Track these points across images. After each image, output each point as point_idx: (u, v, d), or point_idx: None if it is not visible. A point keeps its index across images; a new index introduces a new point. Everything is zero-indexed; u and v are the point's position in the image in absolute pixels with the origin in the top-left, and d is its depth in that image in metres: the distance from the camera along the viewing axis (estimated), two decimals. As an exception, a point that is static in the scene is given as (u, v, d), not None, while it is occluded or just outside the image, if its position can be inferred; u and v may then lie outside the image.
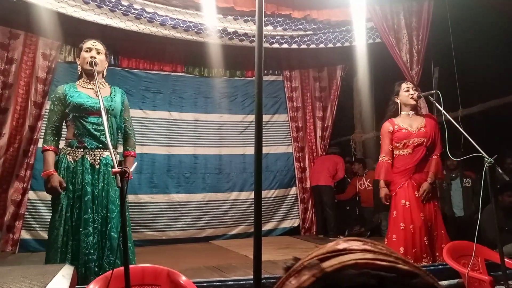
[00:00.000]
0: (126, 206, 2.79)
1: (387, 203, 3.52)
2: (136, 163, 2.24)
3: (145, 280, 2.20)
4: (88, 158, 2.67)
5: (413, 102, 3.57)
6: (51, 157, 2.69)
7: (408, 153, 3.48)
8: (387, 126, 3.58)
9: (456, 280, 3.07)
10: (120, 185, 1.81)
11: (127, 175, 1.86)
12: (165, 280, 2.22)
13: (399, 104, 3.64)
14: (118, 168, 1.83)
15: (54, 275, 1.20)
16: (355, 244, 0.48)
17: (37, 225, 5.15)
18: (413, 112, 3.62)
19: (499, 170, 2.74)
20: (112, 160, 1.94)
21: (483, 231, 3.76)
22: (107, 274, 2.08)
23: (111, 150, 1.98)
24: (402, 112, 3.62)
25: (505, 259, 2.79)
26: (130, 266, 2.13)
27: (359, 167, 6.77)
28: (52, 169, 2.64)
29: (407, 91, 3.55)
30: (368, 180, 6.61)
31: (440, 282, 3.07)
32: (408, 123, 3.56)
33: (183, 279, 2.22)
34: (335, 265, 0.45)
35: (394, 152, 3.56)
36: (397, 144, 3.52)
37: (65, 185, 2.62)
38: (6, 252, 4.84)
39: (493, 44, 5.44)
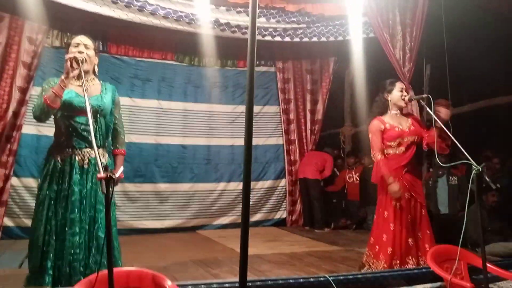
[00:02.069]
0: (113, 205, 2.76)
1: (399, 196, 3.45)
2: (122, 167, 2.19)
3: (130, 284, 2.18)
4: (77, 158, 2.61)
5: (404, 105, 3.55)
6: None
7: (402, 152, 3.46)
8: (377, 124, 3.53)
9: (438, 283, 3.12)
10: (105, 192, 1.78)
11: (113, 180, 1.82)
12: (150, 284, 2.20)
13: (389, 102, 3.61)
14: (103, 174, 1.78)
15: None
16: None
17: (21, 212, 5.09)
18: (400, 112, 3.61)
19: (487, 178, 2.76)
20: (98, 163, 1.89)
21: (466, 231, 3.81)
22: (91, 278, 2.05)
23: (96, 154, 1.93)
24: (390, 111, 3.59)
25: (487, 264, 2.84)
26: (115, 269, 2.11)
27: (352, 160, 6.80)
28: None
29: (401, 91, 3.52)
30: (357, 174, 6.65)
31: (423, 285, 3.13)
32: (398, 122, 3.54)
33: (168, 283, 2.20)
34: None
35: (386, 151, 3.54)
36: (391, 143, 3.49)
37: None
38: (-12, 239, 4.77)
39: (485, 44, 5.44)
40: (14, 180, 5.11)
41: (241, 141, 6.27)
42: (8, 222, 5.05)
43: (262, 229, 6.23)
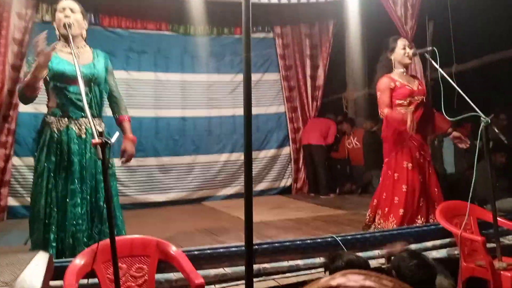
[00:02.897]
0: (112, 175, 2.70)
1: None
2: (117, 133, 2.11)
3: (134, 252, 2.15)
4: (74, 128, 2.55)
5: (408, 61, 3.45)
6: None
7: (411, 111, 3.37)
8: (387, 81, 3.42)
9: (448, 240, 3.08)
10: (100, 157, 1.71)
11: (108, 146, 1.76)
12: (154, 251, 2.16)
13: (392, 61, 3.50)
14: (98, 139, 1.72)
15: (26, 265, 1.11)
16: (354, 279, 0.42)
17: (24, 192, 5.06)
18: (406, 70, 3.51)
19: (496, 130, 2.67)
20: (92, 130, 1.82)
21: (474, 188, 3.76)
22: (93, 247, 2.01)
23: (91, 122, 1.87)
24: (396, 70, 3.49)
25: (498, 218, 2.79)
26: (118, 237, 2.07)
27: (347, 126, 6.71)
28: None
29: (403, 48, 3.40)
30: (356, 138, 6.57)
31: (433, 242, 3.09)
32: (407, 80, 3.44)
33: (173, 249, 2.17)
34: None
35: (396, 110, 3.45)
36: (402, 101, 3.40)
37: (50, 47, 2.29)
38: (-6, 219, 4.77)
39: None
40: (15, 160, 5.08)
41: (242, 111, 6.08)
42: (12, 201, 5.04)
43: (267, 198, 6.20)
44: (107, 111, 2.96)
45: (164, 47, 5.96)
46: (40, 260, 1.21)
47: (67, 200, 2.50)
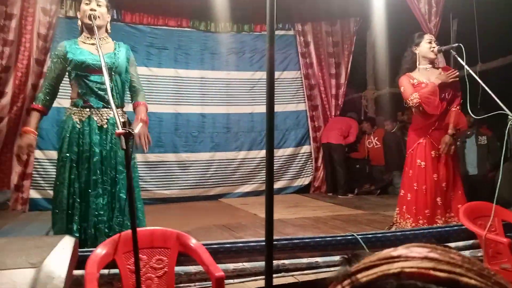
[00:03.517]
0: (134, 167, 2.72)
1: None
2: (141, 123, 2.12)
3: (154, 243, 2.15)
4: (95, 118, 2.56)
5: (434, 56, 3.38)
6: (33, 117, 2.60)
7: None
8: (406, 79, 3.39)
9: (471, 241, 3.01)
10: (124, 147, 1.72)
11: (132, 136, 1.76)
12: (174, 243, 2.16)
13: (417, 55, 3.44)
14: (122, 130, 1.72)
15: (53, 248, 1.11)
16: (417, 251, 0.41)
17: (46, 184, 5.15)
18: (430, 66, 3.44)
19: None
20: (116, 120, 1.83)
21: (498, 189, 3.67)
22: (115, 237, 2.02)
23: (114, 111, 1.88)
24: (419, 66, 3.43)
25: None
26: (139, 229, 2.07)
27: (367, 126, 6.64)
28: (30, 127, 2.54)
29: (430, 43, 3.34)
30: (376, 138, 6.49)
31: (455, 244, 3.02)
32: (426, 77, 3.38)
33: (193, 241, 2.16)
34: (370, 275, 0.40)
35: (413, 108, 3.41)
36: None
37: (31, 151, 2.56)
38: (17, 211, 4.86)
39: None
40: (37, 153, 5.15)
41: (260, 108, 6.16)
42: (34, 194, 5.13)
43: (285, 196, 6.17)
44: (129, 106, 2.98)
45: (184, 44, 5.99)
46: (66, 244, 1.22)
47: (89, 190, 2.52)
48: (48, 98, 2.66)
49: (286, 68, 6.49)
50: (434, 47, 3.35)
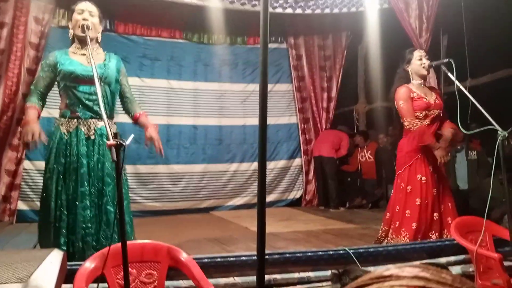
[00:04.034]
0: (123, 179, 2.69)
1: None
2: (132, 135, 2.09)
3: (144, 257, 2.11)
4: (82, 129, 2.54)
5: (425, 72, 3.40)
6: (31, 111, 2.54)
7: (426, 124, 3.32)
8: (407, 90, 3.36)
9: (463, 256, 3.01)
10: (115, 159, 1.69)
11: (123, 147, 1.74)
12: (164, 257, 2.13)
13: (410, 73, 3.46)
14: (113, 141, 1.70)
15: (41, 262, 1.08)
16: (409, 270, 0.42)
17: (34, 196, 5.06)
18: (423, 82, 3.47)
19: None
20: (107, 131, 1.80)
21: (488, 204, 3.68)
22: (104, 251, 1.98)
23: (105, 121, 1.86)
24: (413, 81, 3.45)
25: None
26: (129, 242, 2.04)
27: (360, 139, 6.67)
28: (30, 118, 2.49)
29: (420, 59, 3.37)
30: (369, 152, 6.52)
31: (447, 258, 3.02)
32: (424, 93, 3.40)
33: (183, 255, 2.13)
34: None
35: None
36: (417, 114, 3.35)
37: (41, 137, 2.46)
38: (3, 222, 4.77)
39: (505, 12, 5.20)
40: (26, 163, 5.09)
41: (252, 121, 6.16)
42: (22, 205, 5.05)
43: (276, 210, 6.14)
44: (118, 117, 2.96)
45: (177, 55, 6.00)
46: (54, 258, 1.19)
47: (77, 202, 2.48)
48: (40, 103, 2.63)
49: (279, 81, 6.52)
50: (425, 63, 3.37)
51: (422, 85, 3.42)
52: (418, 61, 3.37)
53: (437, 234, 3.33)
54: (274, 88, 6.45)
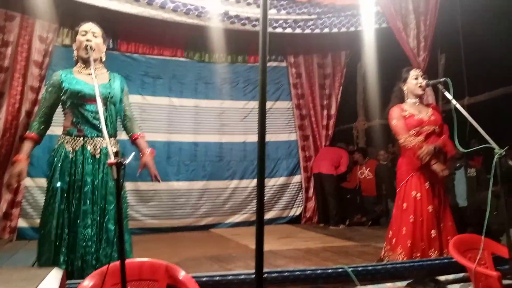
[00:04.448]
0: (124, 197, 2.71)
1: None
2: (134, 153, 2.12)
3: (143, 276, 2.12)
4: (89, 148, 2.56)
5: (421, 92, 3.44)
6: (26, 145, 2.58)
7: (420, 141, 3.35)
8: (398, 110, 3.42)
9: (462, 274, 3.00)
10: (116, 177, 1.72)
11: (123, 166, 1.77)
12: (163, 275, 2.13)
13: (405, 91, 3.51)
14: (113, 160, 1.73)
15: (40, 281, 1.10)
16: None
17: (34, 213, 5.07)
18: (419, 101, 3.51)
19: (510, 163, 2.64)
20: (108, 149, 1.84)
21: (488, 221, 3.68)
22: (103, 269, 1.99)
23: (107, 141, 1.90)
24: (408, 100, 3.50)
25: (513, 254, 2.71)
26: (127, 260, 2.04)
27: (359, 156, 6.69)
28: (22, 155, 2.53)
29: (416, 79, 3.42)
30: (368, 169, 6.53)
31: (446, 276, 3.01)
32: (417, 110, 3.44)
33: (182, 274, 2.14)
34: None
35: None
36: (410, 132, 3.40)
37: (21, 179, 2.53)
38: (3, 239, 4.78)
39: (502, 30, 5.28)
40: (27, 181, 5.10)
41: (253, 138, 6.20)
42: (22, 222, 5.05)
43: (276, 227, 6.14)
44: (122, 135, 2.99)
45: (179, 73, 6.08)
46: (54, 277, 1.20)
47: (78, 221, 2.48)
48: (42, 127, 2.66)
49: (279, 98, 6.59)
50: (421, 83, 3.42)
51: (417, 103, 3.46)
52: (414, 80, 3.42)
53: (437, 252, 3.31)
54: (274, 105, 6.52)
